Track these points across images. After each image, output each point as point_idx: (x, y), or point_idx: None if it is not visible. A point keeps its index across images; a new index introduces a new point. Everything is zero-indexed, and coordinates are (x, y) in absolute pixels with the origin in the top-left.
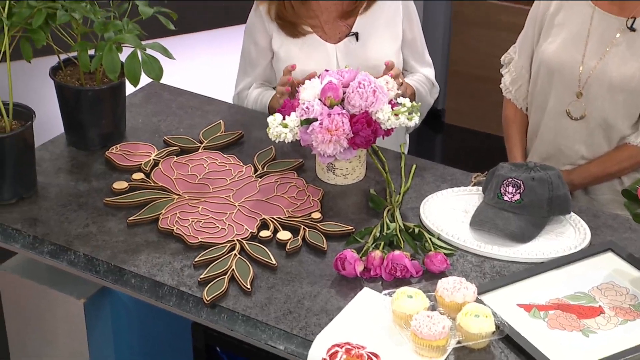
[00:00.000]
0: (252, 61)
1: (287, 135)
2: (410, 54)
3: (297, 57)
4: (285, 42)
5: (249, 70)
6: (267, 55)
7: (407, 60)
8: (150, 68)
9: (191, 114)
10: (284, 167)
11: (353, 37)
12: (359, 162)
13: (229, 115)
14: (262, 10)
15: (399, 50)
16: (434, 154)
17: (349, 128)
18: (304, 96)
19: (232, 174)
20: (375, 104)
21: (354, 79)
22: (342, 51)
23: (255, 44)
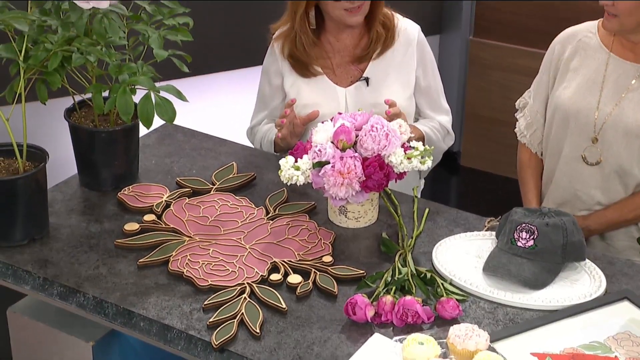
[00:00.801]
0: (265, 99)
1: (299, 177)
2: (425, 101)
3: (307, 98)
4: (296, 81)
5: (262, 107)
6: (279, 94)
7: (421, 107)
8: (164, 110)
9: (204, 155)
10: (295, 209)
11: (364, 81)
12: (371, 205)
13: (242, 156)
14: (276, 49)
15: (411, 97)
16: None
17: (361, 171)
18: (316, 139)
19: (243, 216)
20: (388, 147)
21: (367, 122)
22: (352, 95)
23: (269, 82)
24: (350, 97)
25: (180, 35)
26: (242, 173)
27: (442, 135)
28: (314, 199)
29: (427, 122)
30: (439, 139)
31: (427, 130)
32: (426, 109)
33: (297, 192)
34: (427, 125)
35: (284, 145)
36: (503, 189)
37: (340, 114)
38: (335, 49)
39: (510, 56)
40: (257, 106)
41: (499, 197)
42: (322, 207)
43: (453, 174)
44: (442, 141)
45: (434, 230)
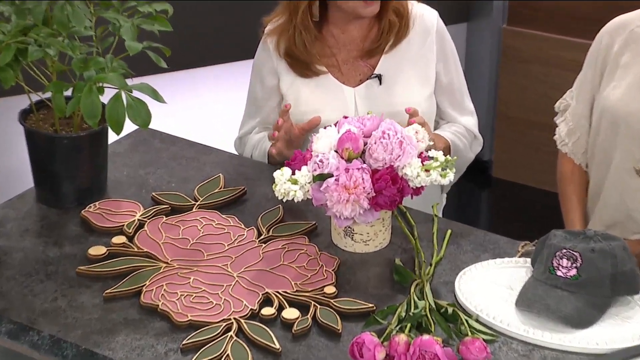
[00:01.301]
0: (257, 102)
1: (297, 193)
2: (447, 100)
3: (308, 101)
4: (295, 82)
5: (253, 112)
6: (274, 96)
7: (443, 108)
8: (137, 113)
9: (186, 165)
10: (293, 230)
11: (375, 79)
12: (382, 226)
13: (231, 167)
14: (270, 45)
15: (431, 96)
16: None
17: (370, 186)
18: (317, 147)
19: (231, 239)
20: (402, 158)
21: (377, 127)
22: (362, 96)
23: (261, 83)
24: (360, 98)
25: (157, 25)
26: (230, 187)
27: (468, 142)
28: (315, 219)
29: (450, 127)
30: (466, 147)
31: (452, 138)
32: (448, 109)
33: (294, 210)
34: (450, 130)
35: (280, 159)
36: (541, 205)
37: (345, 118)
38: (341, 42)
39: (551, 47)
40: (248, 111)
41: (536, 216)
42: (325, 228)
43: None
44: (470, 148)
45: (457, 256)
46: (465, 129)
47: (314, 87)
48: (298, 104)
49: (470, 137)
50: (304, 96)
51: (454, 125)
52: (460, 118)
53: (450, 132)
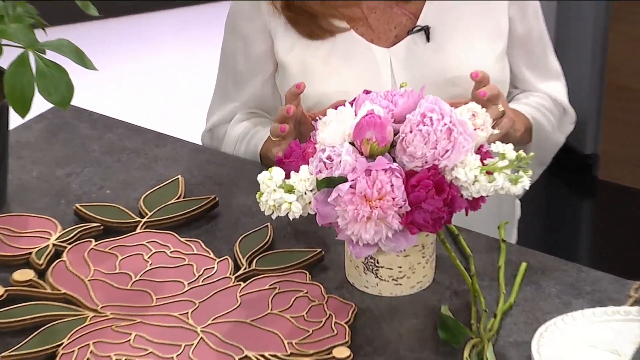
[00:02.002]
0: (238, 77)
1: (293, 206)
2: (524, 59)
3: (320, 72)
4: (299, 46)
5: (232, 91)
6: (265, 68)
7: (517, 70)
8: (52, 85)
9: (127, 162)
10: (287, 262)
11: (420, 34)
12: (421, 256)
13: (196, 165)
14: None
15: (503, 55)
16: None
17: (403, 196)
18: (324, 137)
19: (194, 274)
20: (452, 154)
21: (415, 107)
22: (401, 59)
23: (245, 49)
24: (398, 61)
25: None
26: (195, 196)
27: (557, 118)
28: (320, 244)
29: (529, 98)
30: (553, 127)
31: (534, 114)
32: (525, 71)
33: (290, 232)
34: (530, 104)
35: None
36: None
37: (367, 93)
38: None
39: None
40: (222, 90)
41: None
42: (335, 259)
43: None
44: (558, 128)
45: (535, 303)
46: (550, 99)
47: (328, 52)
48: (304, 79)
49: (558, 110)
50: (314, 67)
51: (533, 94)
52: (542, 84)
53: (531, 106)
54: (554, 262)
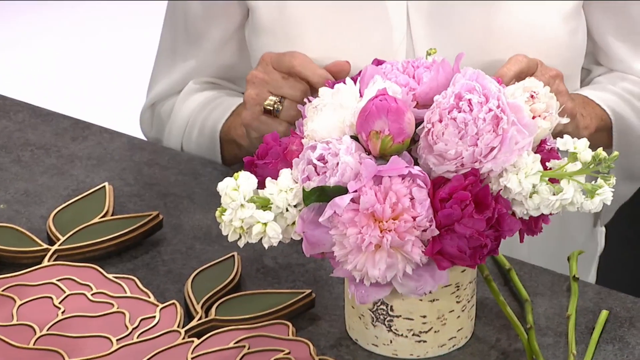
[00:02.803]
0: (191, 28)
1: (269, 228)
2: (611, 22)
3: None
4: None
5: (182, 49)
6: (229, 13)
7: (601, 37)
8: None
9: (30, 163)
10: (260, 309)
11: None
12: (455, 301)
13: (130, 167)
14: None
15: (577, 11)
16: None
17: (429, 214)
18: (315, 128)
19: (125, 327)
20: (500, 153)
21: (447, 84)
22: (424, 14)
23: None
24: (421, 18)
25: None
26: (129, 213)
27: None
28: (310, 284)
29: (617, 84)
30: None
31: (620, 109)
32: (613, 40)
33: (266, 265)
34: (616, 92)
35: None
36: None
37: (378, 64)
38: None
39: None
40: (168, 50)
41: None
42: (331, 305)
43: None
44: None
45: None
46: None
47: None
48: (286, 37)
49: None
50: (299, 19)
51: (623, 77)
52: (636, 62)
53: (614, 93)
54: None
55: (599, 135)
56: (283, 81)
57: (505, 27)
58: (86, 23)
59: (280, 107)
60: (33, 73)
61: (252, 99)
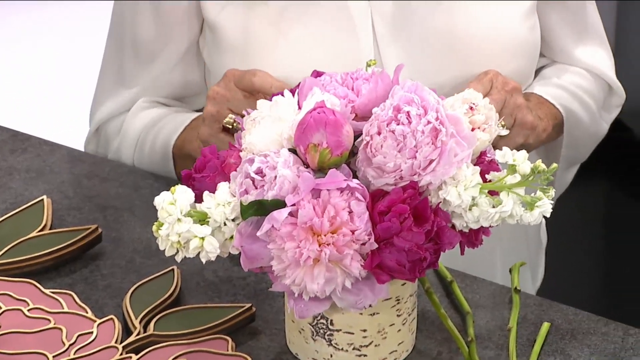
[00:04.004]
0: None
1: (207, 243)
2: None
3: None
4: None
5: (131, 70)
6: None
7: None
8: None
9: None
10: (200, 323)
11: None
12: (395, 314)
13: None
14: None
15: (532, 10)
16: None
17: (367, 227)
18: (253, 141)
19: (62, 343)
20: (439, 166)
21: (386, 96)
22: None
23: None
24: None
25: None
26: (67, 227)
27: (599, 104)
28: (249, 297)
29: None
30: (594, 117)
31: (570, 104)
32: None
33: (205, 279)
34: (564, 86)
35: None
36: None
37: (317, 76)
38: None
39: None
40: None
41: None
42: (271, 319)
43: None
44: (601, 116)
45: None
46: (591, 74)
47: (279, 12)
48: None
49: (602, 90)
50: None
51: (567, 70)
52: (580, 48)
53: (563, 88)
54: (590, 322)
55: (553, 132)
56: (244, 100)
57: (468, 29)
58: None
59: (239, 126)
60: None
61: (211, 115)
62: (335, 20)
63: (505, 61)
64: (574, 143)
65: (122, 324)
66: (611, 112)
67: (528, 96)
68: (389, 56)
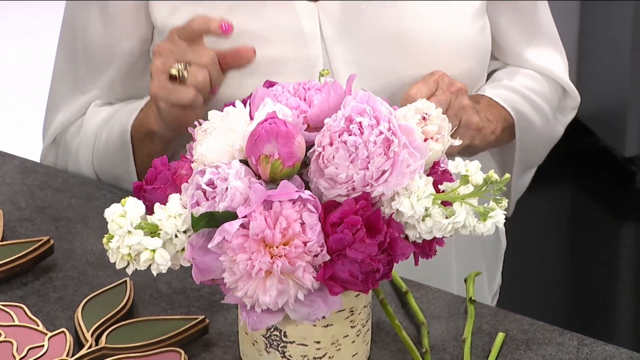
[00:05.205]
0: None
1: (158, 255)
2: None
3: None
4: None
5: (84, 76)
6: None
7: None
8: None
9: None
10: (152, 335)
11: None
12: (349, 325)
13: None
14: None
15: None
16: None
17: (320, 239)
18: (204, 152)
19: (13, 357)
20: (392, 177)
21: (339, 106)
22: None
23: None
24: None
25: None
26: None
27: (552, 107)
28: (203, 308)
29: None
30: (547, 120)
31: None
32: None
33: (159, 290)
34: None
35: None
36: None
37: (269, 86)
38: None
39: None
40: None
41: None
42: (224, 331)
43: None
44: (555, 118)
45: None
46: (543, 77)
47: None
48: None
49: (555, 93)
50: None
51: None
52: (531, 49)
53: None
54: (545, 332)
55: (503, 135)
56: (188, 48)
57: (416, 29)
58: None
59: (186, 74)
60: None
61: (158, 68)
62: (282, 22)
63: (454, 62)
64: (527, 146)
65: (74, 337)
66: (566, 114)
67: (477, 98)
68: (337, 56)
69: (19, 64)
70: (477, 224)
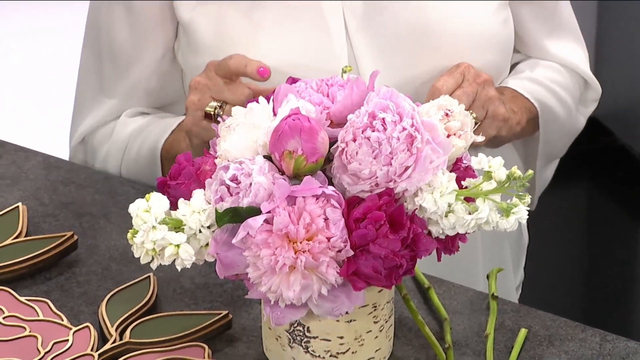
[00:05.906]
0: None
1: (182, 250)
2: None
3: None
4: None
5: (110, 78)
6: (159, 34)
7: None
8: None
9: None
10: (176, 330)
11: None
12: (372, 321)
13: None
14: None
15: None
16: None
17: (343, 234)
18: (228, 148)
19: (38, 351)
20: (415, 173)
21: (362, 102)
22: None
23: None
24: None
25: None
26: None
27: (574, 98)
28: (227, 304)
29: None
30: (570, 111)
31: (544, 98)
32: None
33: (182, 286)
34: (538, 80)
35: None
36: None
37: (293, 82)
38: None
39: None
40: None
41: None
42: (248, 326)
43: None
44: (577, 110)
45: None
46: (565, 69)
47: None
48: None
49: (577, 84)
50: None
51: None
52: (553, 42)
53: (537, 82)
54: (567, 328)
55: (528, 126)
56: (224, 86)
57: (439, 23)
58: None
59: (222, 112)
60: None
61: (193, 104)
62: (307, 17)
63: (477, 55)
64: (550, 137)
65: (98, 331)
66: (588, 106)
67: (502, 90)
68: (361, 52)
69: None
70: (500, 219)
